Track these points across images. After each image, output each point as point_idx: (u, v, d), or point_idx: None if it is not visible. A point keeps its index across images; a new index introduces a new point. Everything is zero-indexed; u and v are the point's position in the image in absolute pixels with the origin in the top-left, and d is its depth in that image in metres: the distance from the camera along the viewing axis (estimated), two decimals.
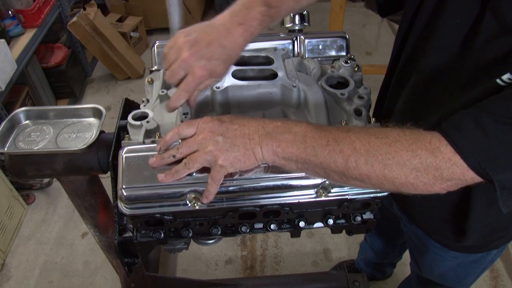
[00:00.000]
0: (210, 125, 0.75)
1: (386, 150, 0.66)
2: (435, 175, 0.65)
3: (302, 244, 2.24)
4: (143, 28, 3.65)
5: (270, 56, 1.05)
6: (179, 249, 1.16)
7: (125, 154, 0.85)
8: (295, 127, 0.72)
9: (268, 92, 0.96)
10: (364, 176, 0.69)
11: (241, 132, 0.73)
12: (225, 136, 0.73)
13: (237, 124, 0.74)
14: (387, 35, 3.88)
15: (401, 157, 0.65)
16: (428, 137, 0.66)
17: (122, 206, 0.85)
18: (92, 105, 1.03)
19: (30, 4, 2.55)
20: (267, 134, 0.72)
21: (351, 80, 1.03)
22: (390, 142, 0.67)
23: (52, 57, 2.96)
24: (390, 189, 0.70)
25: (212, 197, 0.78)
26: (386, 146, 0.67)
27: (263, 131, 0.73)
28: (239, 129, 0.74)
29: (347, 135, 0.69)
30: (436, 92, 0.84)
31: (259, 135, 0.73)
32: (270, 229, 0.99)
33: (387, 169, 0.66)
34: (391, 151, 0.66)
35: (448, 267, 1.15)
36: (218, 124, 0.75)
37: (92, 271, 2.16)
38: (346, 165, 0.68)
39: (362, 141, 0.68)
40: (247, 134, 0.73)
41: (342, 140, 0.69)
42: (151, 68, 1.14)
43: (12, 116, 1.00)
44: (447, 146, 0.63)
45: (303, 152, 0.70)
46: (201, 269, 2.15)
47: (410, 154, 0.65)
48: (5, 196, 2.23)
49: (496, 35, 0.69)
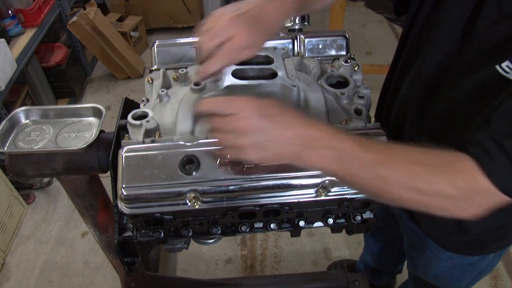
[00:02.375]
0: (249, 115, 0.69)
1: (425, 179, 0.67)
2: (471, 203, 0.67)
3: (302, 244, 2.24)
4: (143, 28, 3.65)
5: (270, 56, 1.04)
6: (179, 248, 1.17)
7: (125, 153, 0.85)
8: (338, 142, 0.69)
9: (268, 91, 0.96)
10: (398, 200, 0.70)
11: (280, 136, 0.70)
12: (262, 134, 0.69)
13: (277, 124, 0.70)
14: (387, 34, 3.88)
15: (440, 186, 0.66)
16: (462, 164, 0.66)
17: (122, 206, 0.85)
18: (92, 104, 1.03)
19: (30, 3, 2.55)
20: (307, 147, 0.70)
21: (351, 79, 1.03)
22: (428, 170, 0.67)
23: (52, 57, 2.96)
24: (420, 210, 0.70)
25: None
26: (424, 175, 0.67)
27: (303, 140, 0.70)
28: (278, 131, 0.70)
29: (386, 157, 0.69)
30: (439, 81, 0.84)
31: (298, 144, 0.70)
32: (270, 229, 0.99)
33: (425, 197, 0.67)
34: (431, 181, 0.66)
35: (443, 268, 1.15)
36: (257, 119, 0.69)
37: (92, 271, 2.16)
38: (381, 189, 0.69)
39: (402, 167, 0.68)
40: (286, 140, 0.70)
41: (382, 163, 0.68)
42: (151, 68, 1.14)
43: (12, 116, 1.00)
44: (483, 176, 0.64)
45: (340, 170, 0.70)
46: (201, 268, 2.15)
47: (448, 184, 0.65)
48: (5, 195, 2.23)
49: (496, 21, 0.69)
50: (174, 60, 1.14)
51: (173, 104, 0.97)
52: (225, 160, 0.82)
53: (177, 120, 0.93)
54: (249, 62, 1.05)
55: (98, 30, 3.00)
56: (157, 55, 1.13)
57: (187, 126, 0.92)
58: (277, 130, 0.70)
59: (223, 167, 0.83)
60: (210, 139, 0.87)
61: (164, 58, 1.14)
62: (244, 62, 1.04)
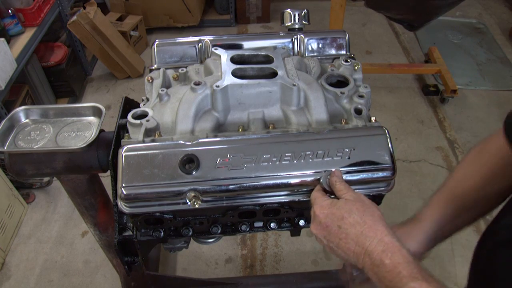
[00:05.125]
0: (318, 222, 0.77)
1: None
2: None
3: (302, 243, 2.24)
4: (143, 27, 3.64)
5: (270, 55, 1.04)
6: (179, 248, 1.17)
7: (125, 152, 0.85)
8: (405, 281, 0.65)
9: (267, 90, 0.96)
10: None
11: (344, 247, 0.73)
12: (329, 240, 0.75)
13: (344, 234, 0.73)
14: (387, 34, 3.88)
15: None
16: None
17: (122, 205, 0.86)
18: (92, 104, 1.03)
19: (30, 3, 2.54)
20: (368, 268, 0.70)
21: (351, 78, 1.03)
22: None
23: (52, 56, 2.95)
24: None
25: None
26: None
27: (366, 260, 0.70)
28: (343, 241, 0.73)
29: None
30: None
31: (362, 261, 0.71)
32: (270, 228, 0.99)
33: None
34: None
35: None
36: (323, 226, 0.76)
37: (92, 270, 2.16)
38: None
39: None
40: (350, 251, 0.72)
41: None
42: (151, 67, 1.14)
43: (12, 115, 1.00)
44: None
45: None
46: (201, 268, 2.15)
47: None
48: (5, 195, 2.23)
49: None
50: (174, 60, 1.14)
51: (173, 104, 0.97)
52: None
53: (177, 119, 0.93)
54: (249, 61, 1.06)
55: (98, 29, 3.00)
56: (157, 55, 1.13)
57: (187, 125, 0.92)
58: (340, 241, 0.73)
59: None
60: (210, 139, 0.87)
61: (164, 57, 1.14)
62: (244, 61, 1.05)
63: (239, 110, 0.97)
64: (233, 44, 1.14)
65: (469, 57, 3.59)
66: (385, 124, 0.92)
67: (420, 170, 2.61)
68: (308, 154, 0.85)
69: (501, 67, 3.49)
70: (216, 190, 0.84)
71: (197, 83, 0.94)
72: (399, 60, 3.53)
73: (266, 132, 0.91)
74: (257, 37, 1.17)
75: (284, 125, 0.96)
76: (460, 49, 3.66)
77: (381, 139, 0.88)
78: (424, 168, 2.63)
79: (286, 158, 0.85)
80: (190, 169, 0.83)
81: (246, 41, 1.15)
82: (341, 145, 0.86)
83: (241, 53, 1.06)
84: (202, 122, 0.93)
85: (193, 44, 1.14)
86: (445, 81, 3.01)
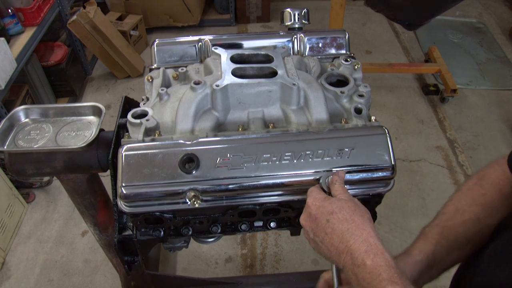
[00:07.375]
0: (308, 214, 0.79)
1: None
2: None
3: (302, 243, 2.24)
4: (143, 27, 3.64)
5: (270, 54, 1.04)
6: (179, 247, 1.17)
7: (124, 152, 0.85)
8: (384, 284, 0.65)
9: (267, 90, 0.96)
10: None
11: (328, 242, 0.74)
12: (315, 234, 0.77)
13: (331, 229, 0.74)
14: (387, 33, 3.88)
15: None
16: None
17: (122, 204, 0.86)
18: (91, 103, 1.03)
19: (30, 2, 2.54)
20: (349, 268, 0.70)
21: (351, 78, 1.03)
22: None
23: (52, 56, 2.95)
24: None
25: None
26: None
27: (347, 259, 0.70)
28: (328, 236, 0.74)
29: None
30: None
31: (343, 260, 0.71)
32: (270, 227, 0.99)
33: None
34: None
35: None
36: (313, 218, 0.77)
37: (92, 270, 2.16)
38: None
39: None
40: (333, 247, 0.73)
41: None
42: (150, 67, 1.14)
43: (12, 115, 1.00)
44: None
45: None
46: (201, 267, 2.15)
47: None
48: (5, 194, 2.23)
49: None
50: (174, 59, 1.14)
51: (173, 103, 0.97)
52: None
53: (177, 118, 0.93)
54: (249, 61, 1.06)
55: (98, 29, 3.00)
56: (157, 54, 1.13)
57: (187, 124, 0.92)
58: (325, 236, 0.75)
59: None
60: (209, 138, 0.87)
61: (164, 57, 1.14)
62: (244, 61, 1.05)
63: (239, 109, 0.97)
64: (233, 44, 1.14)
65: (469, 56, 3.59)
66: (385, 124, 0.92)
67: (420, 169, 2.61)
68: (308, 153, 0.85)
69: (501, 66, 3.49)
70: (216, 190, 0.84)
71: (197, 82, 0.94)
72: (399, 59, 3.53)
73: (266, 131, 0.91)
74: (257, 37, 1.17)
75: (284, 125, 0.96)
76: (460, 49, 3.66)
77: (381, 139, 0.88)
78: (424, 167, 2.63)
79: (286, 158, 0.85)
80: (190, 169, 0.83)
81: (246, 41, 1.15)
82: (341, 145, 0.86)
83: (241, 52, 1.06)
84: (202, 121, 0.93)
85: (193, 43, 1.14)
86: (445, 80, 3.01)
